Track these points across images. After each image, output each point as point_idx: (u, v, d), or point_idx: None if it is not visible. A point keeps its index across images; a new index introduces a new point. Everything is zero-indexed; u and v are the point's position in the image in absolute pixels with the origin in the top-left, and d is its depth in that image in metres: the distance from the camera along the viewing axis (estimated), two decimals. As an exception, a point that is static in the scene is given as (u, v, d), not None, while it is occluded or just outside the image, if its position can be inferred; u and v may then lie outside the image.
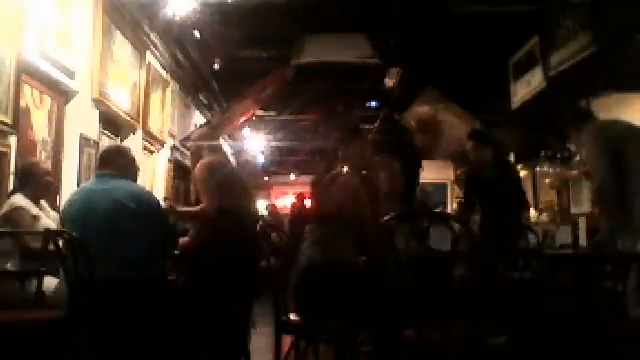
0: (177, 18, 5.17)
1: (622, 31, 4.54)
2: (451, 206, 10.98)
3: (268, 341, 3.95)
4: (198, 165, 3.78)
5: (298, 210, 9.26)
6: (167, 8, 5.07)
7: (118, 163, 3.10)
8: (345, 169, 3.38)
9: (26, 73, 3.58)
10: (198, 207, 3.76)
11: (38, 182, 3.26)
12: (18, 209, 3.09)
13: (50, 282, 2.91)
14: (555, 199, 8.31)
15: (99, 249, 2.73)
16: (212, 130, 7.40)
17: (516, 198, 4.31)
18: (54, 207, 3.74)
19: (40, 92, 3.87)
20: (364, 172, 3.33)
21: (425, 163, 4.35)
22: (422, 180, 4.38)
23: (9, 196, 3.20)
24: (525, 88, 6.38)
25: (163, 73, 6.62)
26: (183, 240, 3.85)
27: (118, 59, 5.09)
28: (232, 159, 11.91)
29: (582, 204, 6.88)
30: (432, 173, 10.08)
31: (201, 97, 8.58)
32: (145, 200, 3.03)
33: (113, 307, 2.72)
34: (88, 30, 4.51)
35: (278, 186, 16.55)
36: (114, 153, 3.20)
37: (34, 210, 3.17)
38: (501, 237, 3.70)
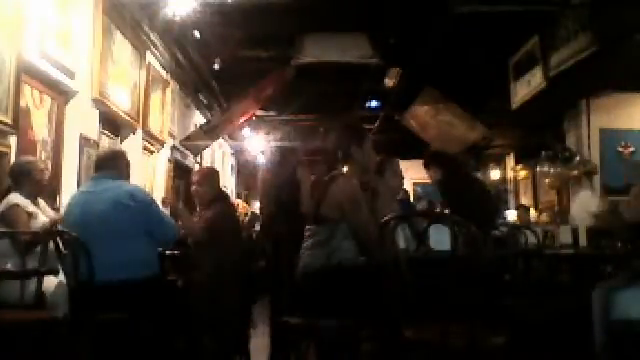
0: (177, 18, 5.16)
1: (622, 31, 4.55)
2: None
3: (268, 341, 3.96)
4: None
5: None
6: (167, 8, 5.06)
7: (118, 166, 3.25)
8: (345, 170, 3.36)
9: (26, 73, 3.58)
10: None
11: (33, 180, 3.26)
12: (14, 207, 3.09)
13: (50, 282, 2.91)
14: (555, 199, 8.32)
15: (99, 250, 2.75)
16: (212, 130, 7.45)
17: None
18: (53, 207, 3.74)
19: (40, 92, 3.87)
20: (364, 174, 3.32)
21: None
22: (421, 180, 4.39)
23: (5, 195, 3.20)
24: (525, 88, 6.39)
25: (163, 73, 6.62)
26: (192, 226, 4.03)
27: (118, 59, 5.08)
28: (232, 159, 11.95)
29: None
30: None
31: (201, 97, 8.57)
32: (142, 197, 3.15)
33: (113, 307, 2.73)
34: (88, 30, 4.51)
35: (278, 186, 16.48)
36: (112, 157, 3.34)
37: (30, 208, 3.17)
38: None
